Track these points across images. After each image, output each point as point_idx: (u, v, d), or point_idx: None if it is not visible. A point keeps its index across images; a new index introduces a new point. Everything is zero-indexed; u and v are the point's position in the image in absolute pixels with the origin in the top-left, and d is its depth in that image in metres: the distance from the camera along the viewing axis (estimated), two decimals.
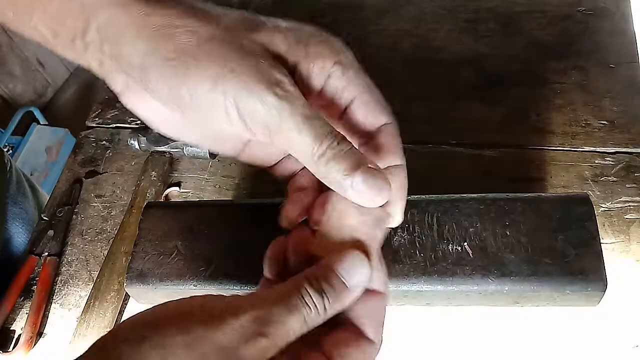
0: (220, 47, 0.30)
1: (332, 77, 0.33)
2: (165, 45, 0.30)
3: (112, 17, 0.30)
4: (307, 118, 0.29)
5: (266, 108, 0.29)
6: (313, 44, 0.32)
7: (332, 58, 0.33)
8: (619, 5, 0.66)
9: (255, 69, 0.29)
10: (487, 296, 0.44)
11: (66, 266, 0.58)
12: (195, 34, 0.30)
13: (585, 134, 0.57)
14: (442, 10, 0.71)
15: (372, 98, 0.34)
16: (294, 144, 0.30)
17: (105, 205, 0.61)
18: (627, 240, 0.51)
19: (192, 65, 0.29)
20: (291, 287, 0.29)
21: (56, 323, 0.54)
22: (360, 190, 0.30)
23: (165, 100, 0.32)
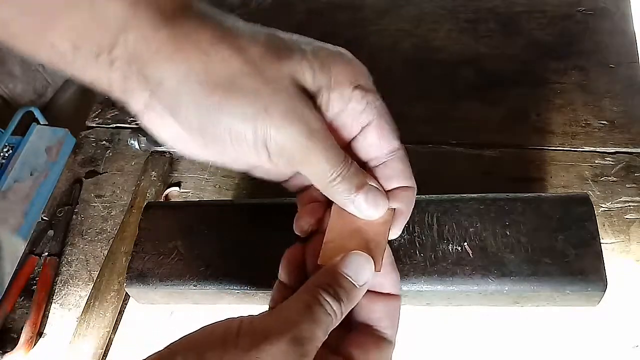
0: (252, 83, 0.30)
1: (352, 102, 0.34)
2: (198, 75, 0.30)
3: (143, 35, 0.29)
4: (328, 150, 0.32)
5: (295, 144, 0.31)
6: (335, 70, 0.33)
7: (352, 83, 0.34)
8: (619, 5, 0.66)
9: (287, 107, 0.31)
10: (487, 296, 0.44)
11: (66, 266, 0.58)
12: (227, 65, 0.30)
13: (585, 134, 0.57)
14: (442, 10, 0.71)
15: (386, 123, 0.35)
16: (312, 171, 0.33)
17: (105, 205, 0.61)
18: (627, 240, 0.51)
19: (225, 101, 0.30)
20: (309, 298, 0.31)
21: (56, 323, 0.54)
22: (361, 206, 0.34)
23: (191, 129, 0.32)
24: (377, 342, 0.34)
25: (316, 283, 0.32)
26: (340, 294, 0.31)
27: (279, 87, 0.31)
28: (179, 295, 0.48)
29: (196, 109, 0.30)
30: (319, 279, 0.32)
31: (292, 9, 0.75)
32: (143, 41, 0.29)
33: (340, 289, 0.31)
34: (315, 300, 0.30)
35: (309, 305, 0.30)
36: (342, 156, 0.33)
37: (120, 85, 0.31)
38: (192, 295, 0.48)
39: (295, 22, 0.73)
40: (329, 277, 0.32)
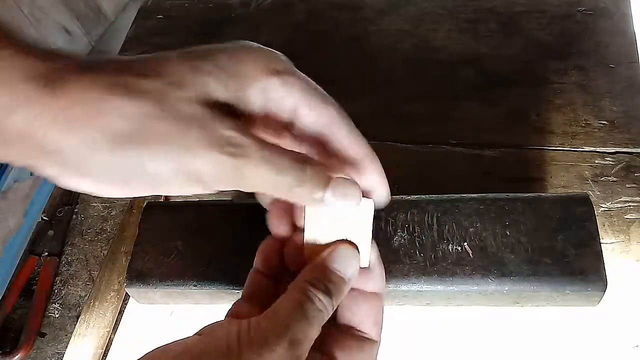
0: (159, 124, 0.28)
1: (271, 91, 0.32)
2: (102, 137, 0.27)
3: (28, 113, 0.27)
4: (265, 161, 0.30)
5: (225, 169, 0.29)
6: (244, 67, 0.31)
7: (266, 73, 0.32)
8: (619, 5, 0.66)
9: (202, 136, 0.28)
10: (487, 296, 0.44)
11: (66, 266, 0.58)
12: (127, 117, 0.28)
13: (585, 134, 0.57)
14: (442, 10, 0.71)
15: (313, 96, 0.33)
16: (261, 186, 0.31)
17: (105, 205, 0.61)
18: (627, 240, 0.51)
19: (139, 152, 0.28)
20: (300, 296, 0.30)
21: (56, 323, 0.54)
22: (332, 203, 0.32)
23: (115, 184, 0.30)
24: (359, 344, 0.34)
25: (306, 279, 0.31)
26: (331, 288, 0.31)
27: (188, 118, 0.29)
28: (179, 295, 0.48)
29: (112, 168, 0.28)
30: (309, 275, 0.32)
31: (292, 9, 0.75)
32: (33, 118, 0.27)
33: (330, 284, 0.31)
34: (306, 298, 0.30)
35: (301, 304, 0.30)
36: (288, 159, 0.30)
37: (23, 163, 0.29)
38: (192, 295, 0.48)
39: (295, 22, 0.73)
40: (318, 273, 0.32)
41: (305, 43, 0.70)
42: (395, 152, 0.59)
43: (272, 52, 0.33)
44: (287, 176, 0.30)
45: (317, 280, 0.31)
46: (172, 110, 0.28)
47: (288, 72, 0.33)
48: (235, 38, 0.35)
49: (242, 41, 0.33)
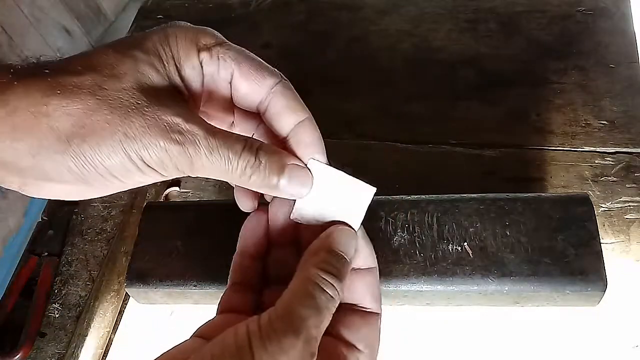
0: (100, 116, 0.28)
1: (204, 66, 0.32)
2: (48, 139, 0.28)
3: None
4: (214, 148, 0.30)
5: (173, 156, 0.29)
6: (174, 46, 0.31)
7: (194, 48, 0.32)
8: (619, 5, 0.66)
9: (145, 123, 0.29)
10: (487, 296, 0.44)
11: (66, 266, 0.58)
12: (68, 114, 0.28)
13: (585, 134, 0.57)
14: (442, 10, 0.71)
15: (248, 66, 0.33)
16: (211, 172, 0.31)
17: (105, 205, 0.61)
18: (627, 240, 0.51)
19: (86, 147, 0.28)
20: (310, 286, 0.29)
21: (56, 323, 0.54)
22: (287, 190, 0.32)
23: (75, 185, 0.30)
24: (364, 318, 0.33)
25: (314, 264, 0.30)
26: (341, 271, 0.31)
27: (128, 106, 0.29)
28: (179, 295, 0.48)
29: (65, 168, 0.29)
30: (316, 259, 0.31)
31: (292, 8, 0.75)
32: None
33: (341, 266, 0.31)
34: (317, 287, 0.29)
35: (313, 296, 0.29)
36: (239, 145, 0.30)
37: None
38: (192, 295, 0.48)
39: (295, 22, 0.73)
40: (325, 256, 0.31)
41: (305, 43, 0.70)
42: (395, 152, 0.59)
43: (199, 28, 0.33)
44: (239, 165, 0.30)
45: (326, 264, 0.30)
46: (112, 102, 0.29)
47: (218, 44, 0.32)
48: (236, 38, 0.35)
49: (171, 22, 0.32)
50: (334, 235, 0.32)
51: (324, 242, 0.32)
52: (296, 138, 0.33)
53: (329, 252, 0.31)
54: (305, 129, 0.33)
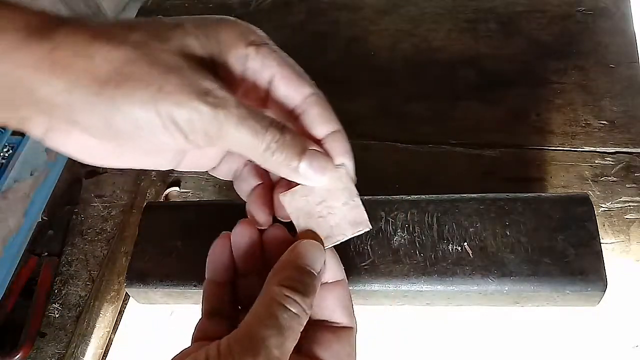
0: (140, 68, 0.29)
1: (249, 60, 0.33)
2: (84, 79, 0.28)
3: (13, 62, 0.28)
4: (244, 118, 0.30)
5: (203, 118, 0.29)
6: (223, 34, 0.32)
7: (243, 42, 0.32)
8: (619, 5, 0.66)
9: (182, 82, 0.29)
10: (487, 296, 0.44)
11: (66, 266, 0.58)
12: (109, 60, 0.29)
13: (585, 134, 0.57)
14: (442, 10, 0.71)
15: (290, 72, 0.34)
16: (237, 143, 0.31)
17: (105, 205, 0.61)
18: (627, 240, 0.51)
19: (119, 94, 0.28)
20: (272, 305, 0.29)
21: (56, 323, 0.54)
22: (307, 174, 0.32)
23: (99, 133, 0.30)
24: (336, 334, 0.33)
25: (277, 282, 0.30)
26: (307, 287, 0.30)
27: (168, 65, 0.29)
28: (179, 295, 0.48)
29: (94, 112, 0.29)
30: (279, 276, 0.30)
31: (292, 9, 0.75)
32: (17, 68, 0.28)
33: (307, 282, 0.30)
34: (279, 305, 0.29)
35: (274, 315, 0.28)
36: (266, 120, 0.31)
37: (13, 119, 0.30)
38: (192, 295, 0.48)
39: (295, 22, 0.73)
40: (288, 272, 0.31)
41: (305, 43, 0.70)
42: (395, 152, 0.59)
43: (249, 25, 0.33)
44: (264, 139, 0.31)
45: (290, 280, 0.30)
46: (153, 58, 0.29)
47: (265, 44, 0.33)
48: None
49: (221, 15, 0.34)
50: (299, 249, 0.32)
51: (288, 257, 0.32)
52: (327, 146, 0.34)
53: (293, 268, 0.31)
54: (336, 139, 0.34)
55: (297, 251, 0.32)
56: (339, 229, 0.34)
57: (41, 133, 0.31)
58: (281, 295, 0.29)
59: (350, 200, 0.34)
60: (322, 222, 0.34)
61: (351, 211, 0.34)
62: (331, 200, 0.34)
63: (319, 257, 0.32)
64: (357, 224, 0.34)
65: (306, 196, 0.34)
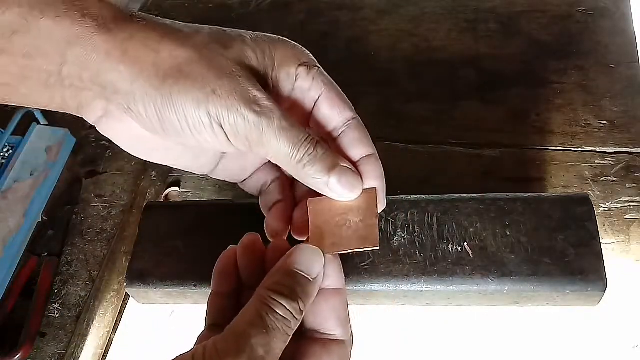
0: (199, 69, 0.31)
1: (299, 79, 0.35)
2: (149, 71, 0.31)
3: (90, 45, 0.30)
4: (283, 129, 0.32)
5: (247, 124, 0.32)
6: (278, 52, 0.34)
7: (296, 62, 0.35)
8: (619, 5, 0.66)
9: (234, 88, 0.31)
10: (487, 296, 0.44)
11: (66, 266, 0.58)
12: (173, 57, 0.31)
13: (585, 134, 0.57)
14: (442, 10, 0.71)
15: (335, 94, 0.36)
16: (274, 152, 0.33)
17: (105, 205, 0.61)
18: (627, 240, 0.51)
19: (176, 90, 0.31)
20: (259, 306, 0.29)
21: (56, 323, 0.54)
22: (335, 189, 0.34)
23: (151, 125, 0.33)
24: (326, 347, 0.32)
25: (265, 286, 0.30)
26: (297, 291, 0.30)
27: (225, 70, 0.32)
28: (179, 295, 0.48)
29: (151, 103, 0.31)
30: (268, 281, 0.31)
31: (292, 9, 0.75)
32: (92, 51, 0.30)
33: (296, 286, 0.30)
34: (266, 307, 0.29)
35: (260, 315, 0.28)
36: (303, 134, 0.33)
37: (74, 101, 0.32)
38: (192, 295, 0.48)
39: (295, 22, 0.73)
40: (279, 277, 0.31)
41: (305, 43, 0.70)
42: (395, 152, 0.59)
43: (303, 48, 0.36)
44: (300, 151, 0.33)
45: (278, 284, 0.30)
46: (212, 62, 0.32)
47: (315, 67, 0.35)
48: None
49: (280, 37, 0.36)
50: (294, 255, 0.32)
51: (283, 263, 0.32)
52: (361, 168, 0.35)
53: (284, 272, 0.31)
54: (370, 163, 0.35)
55: (291, 256, 0.32)
56: (348, 240, 0.34)
57: (97, 118, 0.34)
58: (268, 298, 0.29)
59: (369, 219, 0.34)
60: (336, 230, 0.35)
61: (365, 228, 0.34)
62: (352, 215, 0.35)
63: (316, 262, 0.32)
64: (366, 240, 0.34)
65: (330, 206, 0.35)
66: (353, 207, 0.35)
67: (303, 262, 0.31)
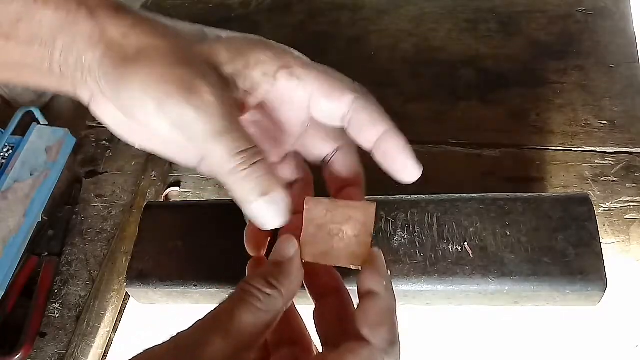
0: (159, 56, 0.31)
1: (280, 80, 0.33)
2: (113, 52, 0.31)
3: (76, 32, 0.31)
4: (220, 131, 0.30)
5: (185, 116, 0.30)
6: (254, 53, 0.33)
7: (274, 63, 0.33)
8: (619, 5, 0.66)
9: (179, 76, 0.30)
10: (487, 296, 0.44)
11: (66, 266, 0.58)
12: (140, 42, 0.31)
13: (585, 134, 0.57)
14: (442, 10, 0.71)
15: (328, 85, 0.34)
16: (208, 154, 0.31)
17: (105, 205, 0.61)
18: (627, 240, 0.51)
19: (129, 71, 0.30)
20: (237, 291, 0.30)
21: (56, 323, 0.54)
22: (258, 214, 0.32)
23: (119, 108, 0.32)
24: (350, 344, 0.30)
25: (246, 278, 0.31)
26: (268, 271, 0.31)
27: (184, 61, 0.31)
28: (179, 295, 0.48)
29: (110, 82, 0.31)
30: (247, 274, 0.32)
31: (292, 9, 0.75)
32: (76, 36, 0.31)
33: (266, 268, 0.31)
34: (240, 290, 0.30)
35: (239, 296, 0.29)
36: (244, 144, 0.31)
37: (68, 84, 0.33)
38: (192, 295, 0.48)
39: (295, 22, 0.73)
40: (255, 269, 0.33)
41: (306, 43, 0.70)
42: None
43: (284, 48, 0.35)
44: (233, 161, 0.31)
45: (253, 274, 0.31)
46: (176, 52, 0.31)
47: (300, 65, 0.34)
48: None
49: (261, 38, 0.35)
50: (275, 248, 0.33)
51: None
52: (380, 151, 0.34)
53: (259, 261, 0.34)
54: (387, 141, 0.34)
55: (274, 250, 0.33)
56: (337, 253, 0.33)
57: (87, 100, 0.34)
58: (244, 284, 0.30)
59: (364, 235, 0.34)
60: (328, 239, 0.34)
61: (357, 245, 0.33)
62: (347, 226, 0.34)
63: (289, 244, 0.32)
64: (356, 258, 0.33)
65: (328, 211, 0.34)
66: (351, 218, 0.34)
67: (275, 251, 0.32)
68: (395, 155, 0.34)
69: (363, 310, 0.31)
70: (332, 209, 0.34)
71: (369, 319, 0.31)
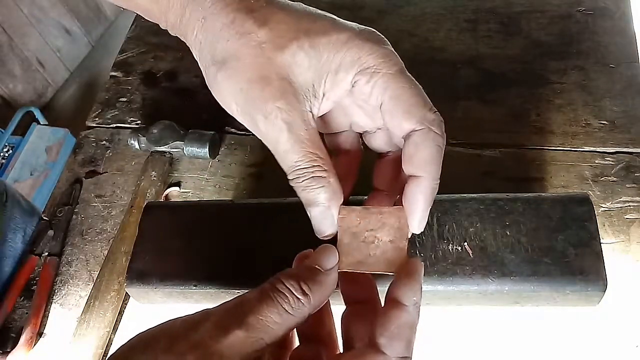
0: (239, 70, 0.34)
1: (357, 85, 0.35)
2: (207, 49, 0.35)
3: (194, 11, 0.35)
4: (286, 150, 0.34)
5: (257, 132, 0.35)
6: (340, 56, 0.34)
7: (355, 68, 0.34)
8: (619, 5, 0.66)
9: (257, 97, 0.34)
10: (487, 296, 0.44)
11: (66, 266, 0.58)
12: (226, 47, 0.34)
13: (585, 134, 0.57)
14: (442, 10, 0.71)
15: (399, 104, 0.35)
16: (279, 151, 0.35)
17: (105, 205, 0.61)
18: (627, 240, 0.51)
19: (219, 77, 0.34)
20: (267, 285, 0.31)
21: (56, 323, 0.54)
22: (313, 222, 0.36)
23: None
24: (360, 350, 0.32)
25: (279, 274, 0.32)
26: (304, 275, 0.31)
27: (264, 81, 0.33)
28: (179, 295, 0.48)
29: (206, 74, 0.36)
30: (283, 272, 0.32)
31: None
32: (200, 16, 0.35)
33: (303, 273, 0.32)
34: (272, 287, 0.31)
35: (265, 290, 0.30)
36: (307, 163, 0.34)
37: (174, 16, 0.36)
38: (192, 295, 0.48)
39: None
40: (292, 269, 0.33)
41: None
42: None
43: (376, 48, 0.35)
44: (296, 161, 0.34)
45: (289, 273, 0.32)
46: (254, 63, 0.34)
47: (378, 71, 0.35)
48: None
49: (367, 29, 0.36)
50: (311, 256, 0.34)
51: None
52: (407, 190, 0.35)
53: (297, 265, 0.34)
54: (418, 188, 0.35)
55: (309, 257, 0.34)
56: (374, 261, 0.34)
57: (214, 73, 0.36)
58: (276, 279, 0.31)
59: (399, 240, 0.34)
60: (363, 247, 0.34)
61: (393, 251, 0.34)
62: (381, 232, 0.34)
63: (329, 255, 0.33)
64: (392, 265, 0.34)
65: (361, 219, 0.35)
66: (385, 224, 0.34)
67: (316, 258, 0.33)
68: (413, 205, 0.35)
69: (386, 318, 0.31)
70: (365, 216, 0.35)
71: (389, 329, 0.31)
